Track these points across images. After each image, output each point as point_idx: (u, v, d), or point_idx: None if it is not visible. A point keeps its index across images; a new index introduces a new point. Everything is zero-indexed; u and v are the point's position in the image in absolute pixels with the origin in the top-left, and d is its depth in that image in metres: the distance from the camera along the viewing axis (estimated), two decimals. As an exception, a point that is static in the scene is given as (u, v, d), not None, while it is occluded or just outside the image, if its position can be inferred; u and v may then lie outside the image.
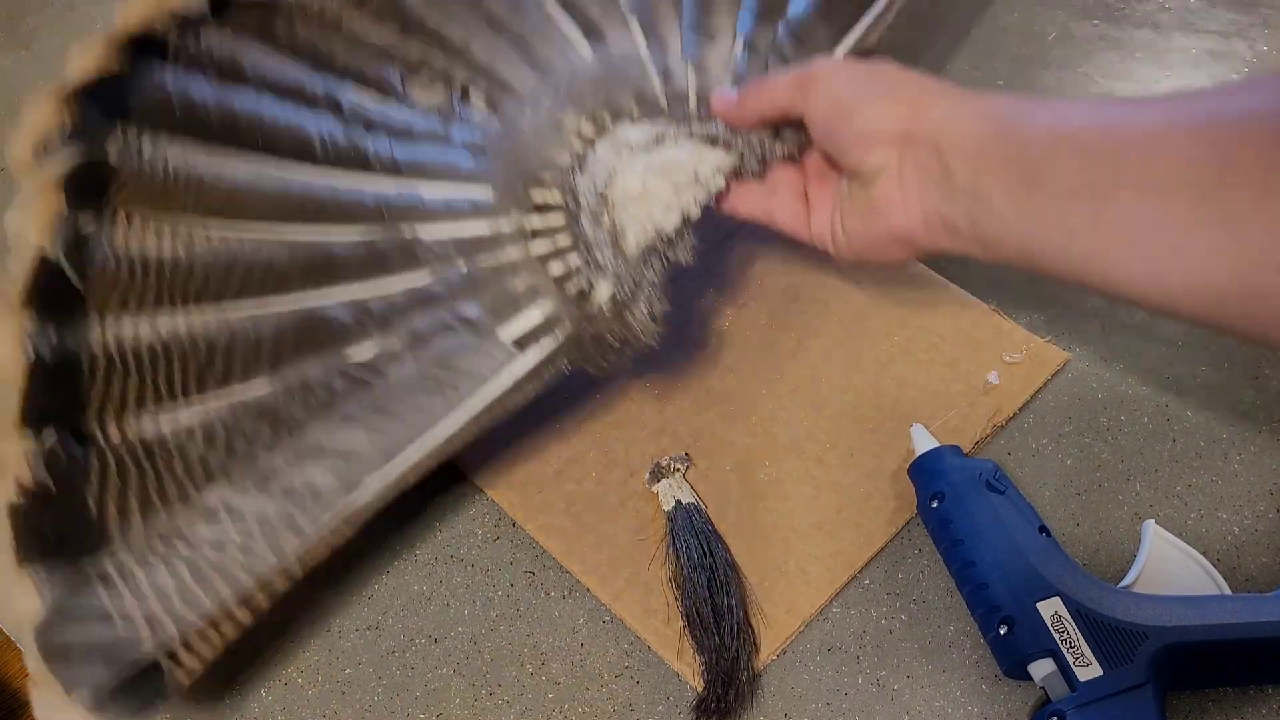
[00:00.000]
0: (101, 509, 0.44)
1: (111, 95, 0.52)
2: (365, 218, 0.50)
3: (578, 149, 0.51)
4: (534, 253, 0.49)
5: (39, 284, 0.46)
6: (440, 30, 0.57)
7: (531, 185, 0.50)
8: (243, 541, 0.43)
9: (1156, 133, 0.36)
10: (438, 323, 0.47)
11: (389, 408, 0.45)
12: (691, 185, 0.49)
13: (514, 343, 0.47)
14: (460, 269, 0.49)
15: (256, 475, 0.44)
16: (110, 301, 0.48)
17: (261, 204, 0.50)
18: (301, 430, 0.45)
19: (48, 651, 0.40)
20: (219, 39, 0.55)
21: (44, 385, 0.45)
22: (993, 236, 0.40)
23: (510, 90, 0.55)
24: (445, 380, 0.45)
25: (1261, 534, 0.49)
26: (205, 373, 0.47)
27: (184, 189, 0.50)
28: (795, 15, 0.53)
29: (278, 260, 0.49)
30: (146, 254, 0.49)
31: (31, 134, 0.50)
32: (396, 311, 0.48)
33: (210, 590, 0.42)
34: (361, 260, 0.49)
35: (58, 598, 0.42)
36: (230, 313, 0.48)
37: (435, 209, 0.51)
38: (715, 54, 0.54)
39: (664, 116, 0.52)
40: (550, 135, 0.52)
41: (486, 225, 0.50)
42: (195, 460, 0.45)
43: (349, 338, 0.47)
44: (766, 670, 0.47)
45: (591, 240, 0.48)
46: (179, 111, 0.52)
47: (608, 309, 0.47)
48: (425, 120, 0.54)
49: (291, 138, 0.52)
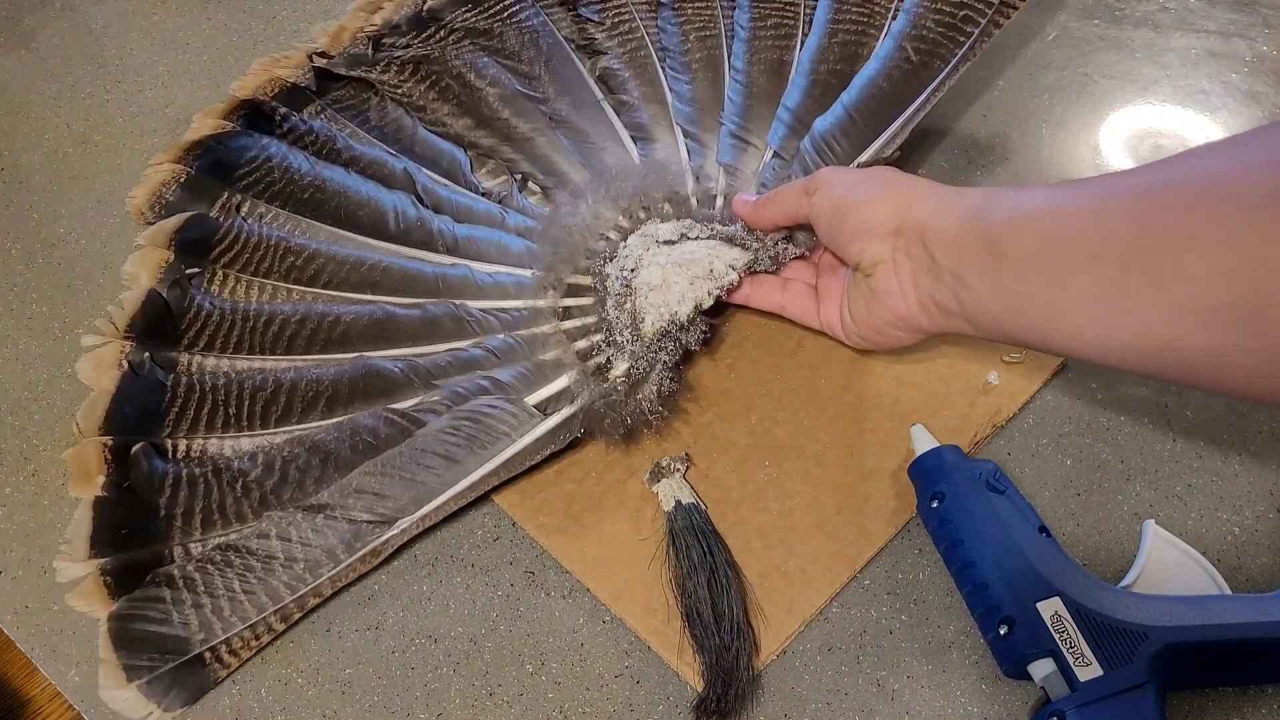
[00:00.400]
0: (170, 515, 0.50)
1: (223, 161, 0.61)
2: (424, 289, 0.57)
3: (613, 239, 0.58)
4: (564, 329, 0.56)
5: (144, 316, 0.54)
6: (510, 123, 0.65)
7: (570, 270, 0.57)
8: (287, 561, 0.48)
9: (1092, 208, 0.39)
10: (474, 384, 0.53)
11: (423, 460, 0.50)
12: (706, 278, 0.53)
13: (537, 406, 0.52)
14: (500, 338, 0.55)
15: (306, 505, 0.49)
16: (199, 340, 0.55)
17: (337, 270, 0.58)
18: (348, 469, 0.51)
19: (117, 637, 0.47)
20: (320, 118, 0.65)
21: (132, 399, 0.52)
22: (975, 312, 0.45)
23: (564, 183, 0.63)
24: (475, 435, 0.51)
25: (1261, 534, 0.49)
26: (269, 408, 0.53)
27: (272, 252, 0.58)
28: (820, 130, 0.59)
29: (345, 320, 0.56)
30: (236, 305, 0.56)
31: (151, 185, 0.60)
32: (441, 371, 0.54)
33: (255, 600, 0.48)
34: (417, 325, 0.56)
35: (123, 584, 0.48)
36: (299, 360, 0.55)
37: (485, 285, 0.58)
38: (747, 161, 0.61)
39: (692, 215, 0.58)
40: (591, 226, 0.58)
41: (527, 302, 0.57)
42: (254, 483, 0.51)
43: (397, 391, 0.53)
44: (766, 670, 0.47)
45: (614, 322, 0.53)
46: (280, 182, 0.60)
47: (622, 385, 0.52)
48: (486, 204, 0.62)
49: (370, 212, 0.60)
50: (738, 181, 0.60)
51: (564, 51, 0.68)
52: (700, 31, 0.67)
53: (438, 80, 0.66)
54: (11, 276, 0.62)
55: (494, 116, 0.65)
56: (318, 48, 0.67)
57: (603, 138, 0.64)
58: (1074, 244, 0.39)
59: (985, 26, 0.60)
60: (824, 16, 0.65)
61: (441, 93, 0.66)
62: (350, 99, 0.66)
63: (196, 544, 0.50)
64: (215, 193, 0.60)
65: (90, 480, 0.49)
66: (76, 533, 0.48)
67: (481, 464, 0.50)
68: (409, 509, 0.49)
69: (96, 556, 0.48)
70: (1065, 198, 0.41)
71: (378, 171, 0.62)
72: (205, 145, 0.61)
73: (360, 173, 0.62)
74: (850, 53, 0.63)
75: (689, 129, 0.63)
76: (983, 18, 0.60)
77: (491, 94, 0.65)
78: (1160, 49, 0.68)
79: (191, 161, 0.60)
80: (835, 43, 0.64)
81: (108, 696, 0.46)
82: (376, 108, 0.66)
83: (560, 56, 0.68)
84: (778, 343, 0.56)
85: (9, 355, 0.59)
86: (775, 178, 0.59)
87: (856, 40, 0.64)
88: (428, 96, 0.66)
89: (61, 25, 0.76)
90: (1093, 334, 0.40)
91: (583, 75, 0.67)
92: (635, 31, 0.68)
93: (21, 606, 0.51)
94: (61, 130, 0.69)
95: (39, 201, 0.66)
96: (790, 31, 0.66)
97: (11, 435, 0.56)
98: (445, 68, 0.66)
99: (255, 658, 0.49)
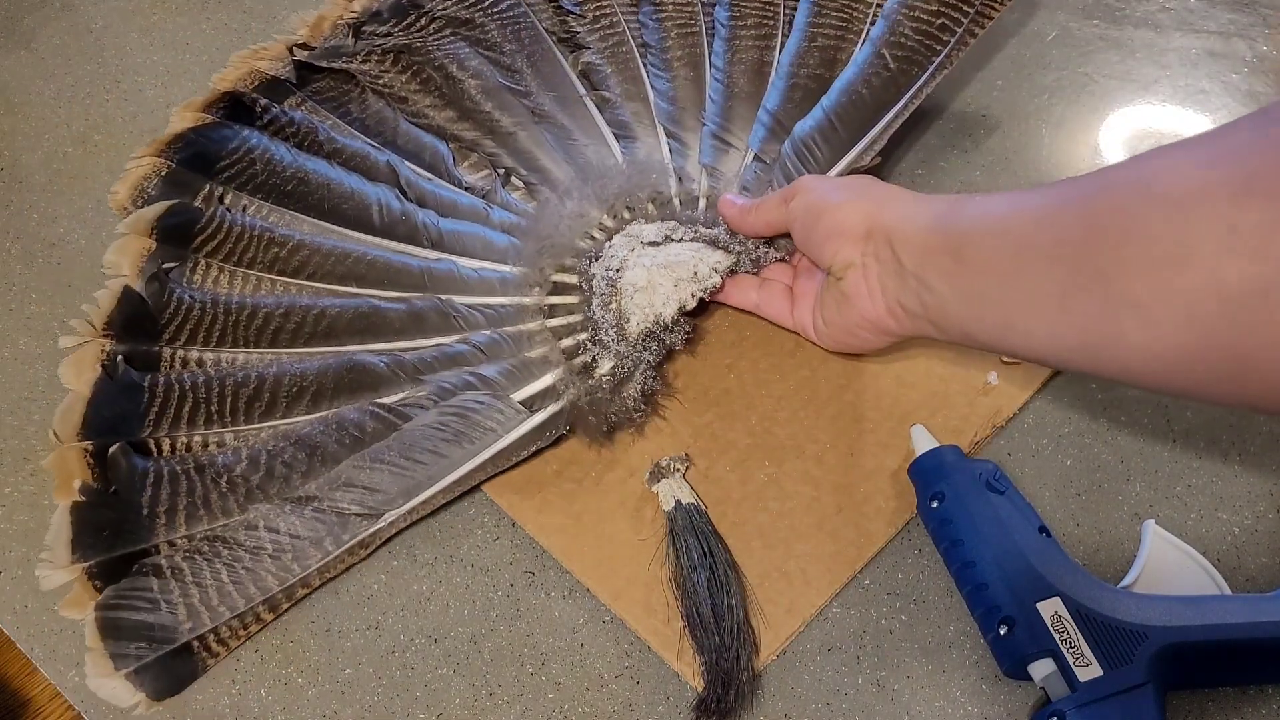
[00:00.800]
0: (153, 513, 0.50)
1: (204, 153, 0.60)
2: (410, 283, 0.57)
3: (598, 238, 0.58)
4: (550, 326, 0.56)
5: (121, 313, 0.54)
6: (493, 117, 0.65)
7: (556, 268, 0.58)
8: (275, 553, 0.49)
9: (1046, 210, 0.41)
10: (461, 379, 0.53)
11: (411, 454, 0.50)
12: (690, 281, 0.54)
13: (524, 403, 0.52)
14: (486, 334, 0.55)
15: (294, 497, 0.50)
16: (180, 334, 0.55)
17: (322, 263, 0.57)
18: (335, 463, 0.51)
19: (103, 626, 0.47)
20: (301, 109, 0.64)
21: (108, 401, 0.52)
22: (938, 315, 0.46)
23: (548, 180, 0.63)
24: (462, 431, 0.51)
25: (1261, 534, 0.49)
26: (253, 403, 0.53)
27: (256, 243, 0.57)
28: (800, 135, 0.59)
29: (330, 313, 0.55)
30: (218, 296, 0.56)
31: (132, 179, 0.59)
32: (427, 366, 0.54)
33: (243, 591, 0.48)
34: (403, 320, 0.56)
35: (110, 581, 0.48)
36: (282, 354, 0.55)
37: (470, 280, 0.58)
38: (728, 163, 0.61)
39: (675, 216, 0.59)
40: (576, 225, 0.59)
41: (513, 299, 0.57)
42: (239, 479, 0.50)
43: (383, 385, 0.53)
44: (766, 670, 0.47)
45: (600, 321, 0.54)
46: (263, 174, 0.60)
47: (607, 383, 0.53)
48: (469, 199, 0.62)
49: (354, 205, 0.60)
50: (720, 184, 0.60)
51: (546, 44, 0.68)
52: (681, 28, 0.67)
53: (419, 71, 0.66)
54: (11, 276, 0.62)
55: (476, 109, 0.65)
56: (298, 39, 0.66)
57: (586, 135, 0.64)
58: (1029, 245, 0.41)
59: (961, 35, 0.60)
60: (804, 19, 0.65)
61: (423, 84, 0.65)
62: (331, 90, 0.66)
63: (182, 539, 0.50)
64: (197, 186, 0.59)
65: (72, 487, 0.49)
66: (56, 538, 0.48)
67: (468, 459, 0.51)
68: (397, 502, 0.50)
69: (80, 560, 0.48)
70: (1024, 202, 0.42)
71: (360, 164, 0.62)
72: (186, 138, 0.60)
73: (343, 165, 0.61)
74: (829, 57, 0.63)
75: (670, 128, 0.63)
76: (959, 26, 0.60)
77: (473, 86, 0.65)
78: (1160, 49, 0.68)
79: (173, 155, 0.60)
80: (815, 47, 0.64)
81: (95, 685, 0.46)
82: (358, 99, 0.65)
83: (542, 49, 0.67)
84: (778, 343, 0.56)
85: (9, 355, 0.59)
86: (756, 180, 0.60)
87: (835, 45, 0.64)
88: (409, 87, 0.65)
89: (61, 25, 0.76)
90: (1044, 333, 0.41)
91: (565, 70, 0.67)
92: (617, 26, 0.68)
93: (21, 606, 0.51)
94: (61, 130, 0.69)
95: (39, 201, 0.66)
96: (770, 32, 0.66)
97: (11, 435, 0.56)
98: (427, 59, 0.66)
99: (256, 658, 0.49)
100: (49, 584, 0.47)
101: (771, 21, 0.66)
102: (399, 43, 0.66)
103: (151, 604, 0.47)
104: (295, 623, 0.49)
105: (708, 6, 0.68)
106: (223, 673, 0.48)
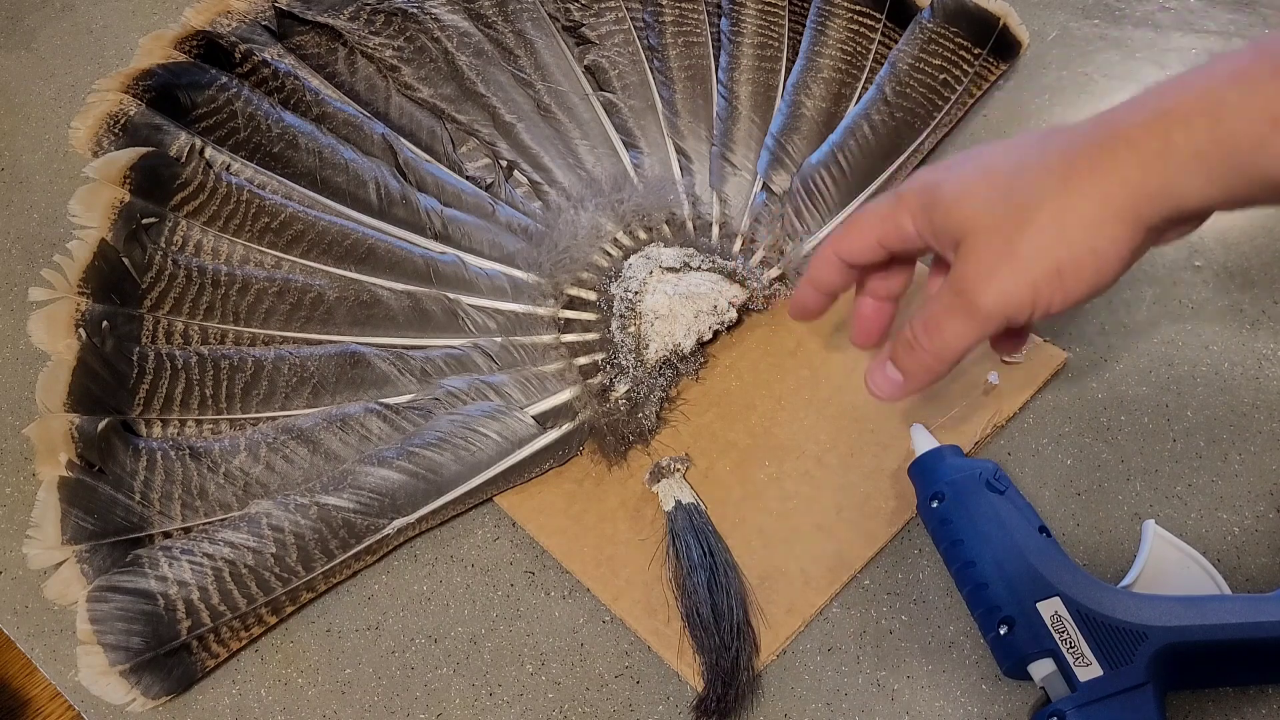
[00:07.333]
0: (146, 496, 0.47)
1: (175, 94, 0.54)
2: (413, 274, 0.54)
3: (614, 255, 0.57)
4: (565, 342, 0.55)
5: (97, 270, 0.49)
6: (490, 102, 0.61)
7: (571, 281, 0.56)
8: (278, 552, 0.47)
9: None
10: (470, 387, 0.51)
11: (421, 462, 0.49)
12: (710, 313, 0.54)
13: (537, 418, 0.51)
14: (498, 341, 0.54)
15: (300, 497, 0.48)
16: (164, 301, 0.50)
17: (318, 240, 0.53)
18: (339, 462, 0.49)
19: (95, 617, 0.44)
20: (284, 59, 0.58)
21: (95, 370, 0.48)
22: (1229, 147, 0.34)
23: (554, 181, 0.60)
24: (472, 444, 0.49)
25: (1261, 534, 0.49)
26: (250, 391, 0.50)
27: (244, 208, 0.53)
28: (809, 171, 0.58)
29: (328, 296, 0.52)
30: (204, 265, 0.52)
31: (95, 115, 0.52)
32: (434, 368, 0.52)
33: (245, 590, 0.46)
34: (405, 313, 0.53)
35: (101, 572, 0.46)
36: (277, 334, 0.52)
37: (478, 280, 0.55)
38: (737, 188, 0.60)
39: (694, 243, 0.58)
40: (591, 238, 0.57)
41: (525, 306, 0.55)
42: (238, 469, 0.48)
43: (388, 384, 0.51)
44: (766, 670, 0.47)
45: (618, 343, 0.54)
46: (245, 129, 0.54)
47: (623, 407, 0.52)
48: (474, 190, 0.59)
49: (348, 178, 0.55)
50: (730, 211, 0.60)
51: (548, 28, 0.65)
52: (686, 37, 0.66)
53: (414, 38, 0.61)
54: (12, 276, 0.62)
55: (474, 89, 0.61)
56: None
57: (592, 139, 0.62)
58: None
59: (960, 95, 0.60)
60: (807, 45, 0.64)
61: (418, 52, 0.61)
62: (314, 47, 0.60)
63: (179, 530, 0.48)
64: (171, 135, 0.53)
65: (57, 459, 0.46)
66: (45, 516, 0.45)
67: (479, 472, 0.50)
68: (406, 510, 0.49)
69: (71, 542, 0.45)
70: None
71: (353, 134, 0.57)
72: (154, 74, 0.54)
73: (334, 132, 0.56)
74: (834, 91, 0.63)
75: (679, 144, 0.62)
76: (960, 84, 0.61)
77: (472, 63, 0.62)
78: (1160, 49, 0.68)
79: (141, 92, 0.53)
80: (821, 78, 0.63)
81: (88, 681, 0.44)
82: (345, 61, 0.60)
83: (545, 35, 0.65)
84: (778, 343, 0.56)
85: (9, 355, 0.59)
86: (768, 213, 0.59)
87: (840, 80, 0.63)
88: (403, 54, 0.61)
89: (61, 25, 0.76)
90: None
91: (571, 63, 0.65)
92: (623, 23, 0.66)
93: (21, 606, 0.51)
94: (61, 130, 0.69)
95: (39, 201, 0.66)
96: (776, 54, 0.65)
97: (11, 435, 0.56)
98: (423, 27, 0.62)
99: (256, 658, 0.49)
100: (38, 563, 0.46)
101: (776, 43, 0.65)
102: (396, 5, 0.62)
103: (146, 597, 0.45)
104: (295, 623, 0.49)
105: (713, 17, 0.67)
106: (223, 672, 0.48)
